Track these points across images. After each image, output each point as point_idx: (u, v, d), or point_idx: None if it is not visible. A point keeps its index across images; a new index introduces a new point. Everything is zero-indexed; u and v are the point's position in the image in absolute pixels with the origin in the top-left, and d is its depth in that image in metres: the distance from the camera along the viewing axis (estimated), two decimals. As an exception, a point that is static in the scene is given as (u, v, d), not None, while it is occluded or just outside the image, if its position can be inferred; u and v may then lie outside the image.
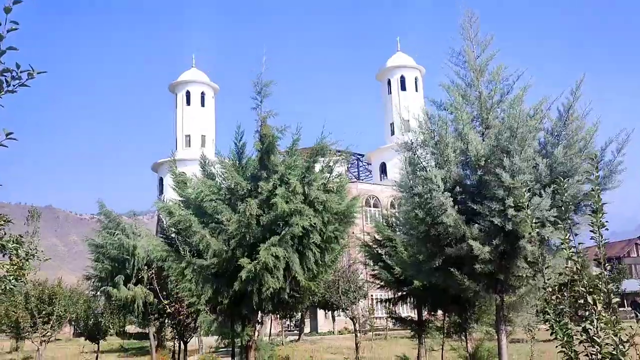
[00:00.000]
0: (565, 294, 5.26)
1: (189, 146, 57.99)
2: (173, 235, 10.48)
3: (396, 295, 15.12)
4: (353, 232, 24.39)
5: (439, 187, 7.73)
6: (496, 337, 9.14)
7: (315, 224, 8.79)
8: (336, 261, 11.00)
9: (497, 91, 8.84)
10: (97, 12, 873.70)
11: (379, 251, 14.83)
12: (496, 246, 7.82)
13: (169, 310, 12.83)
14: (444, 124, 8.16)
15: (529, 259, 7.88)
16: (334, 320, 40.84)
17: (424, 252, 8.86)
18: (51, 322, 18.69)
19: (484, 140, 8.22)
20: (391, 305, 15.83)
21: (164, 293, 14.09)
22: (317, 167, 9.66)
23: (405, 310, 25.52)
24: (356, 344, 19.48)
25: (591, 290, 4.96)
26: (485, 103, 8.77)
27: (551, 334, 5.26)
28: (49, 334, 19.29)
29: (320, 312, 41.52)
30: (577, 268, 5.08)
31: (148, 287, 16.32)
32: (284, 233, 8.55)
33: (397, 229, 13.72)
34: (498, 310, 8.59)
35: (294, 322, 41.87)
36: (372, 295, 30.92)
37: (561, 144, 7.75)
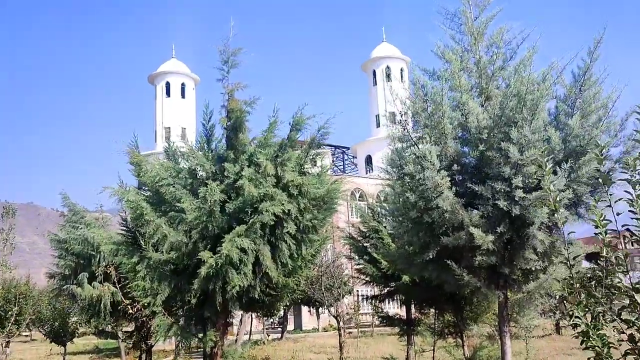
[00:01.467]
0: (600, 292, 4.09)
1: (169, 138, 56.21)
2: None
3: (383, 292, 13.94)
4: (338, 227, 23.23)
5: (433, 165, 6.52)
6: (497, 338, 8.00)
7: (289, 210, 7.53)
8: (317, 255, 9.83)
9: (498, 56, 7.66)
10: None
11: (364, 244, 13.62)
12: (500, 234, 6.64)
13: (130, 311, 11.49)
14: (439, 91, 6.93)
15: (538, 250, 6.71)
16: (318, 317, 39.68)
17: (415, 242, 7.65)
18: (9, 324, 17.26)
19: (485, 111, 7.02)
20: (378, 302, 14.63)
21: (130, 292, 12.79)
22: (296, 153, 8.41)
23: (393, 308, 24.42)
24: (340, 343, 18.31)
25: (638, 286, 3.80)
26: (485, 70, 7.59)
27: (581, 343, 4.10)
28: (9, 335, 17.95)
29: (304, 309, 40.33)
30: (618, 257, 3.92)
31: (114, 285, 15.02)
32: (252, 222, 7.28)
33: (384, 218, 12.52)
34: (501, 308, 7.43)
35: (277, 319, 40.64)
36: (357, 292, 29.75)
37: (576, 114, 6.58)
